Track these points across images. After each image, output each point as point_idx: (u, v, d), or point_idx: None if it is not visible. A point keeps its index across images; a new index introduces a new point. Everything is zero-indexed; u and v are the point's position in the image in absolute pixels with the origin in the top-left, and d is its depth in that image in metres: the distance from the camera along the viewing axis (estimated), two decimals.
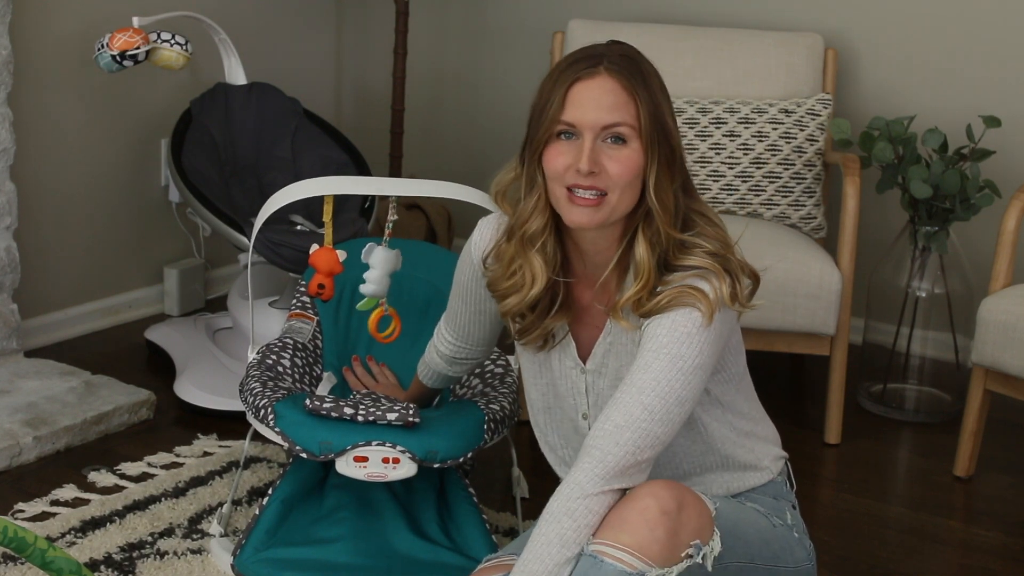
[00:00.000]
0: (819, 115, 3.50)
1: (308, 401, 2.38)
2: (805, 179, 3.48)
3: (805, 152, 3.47)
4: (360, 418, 2.36)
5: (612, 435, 1.88)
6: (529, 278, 2.02)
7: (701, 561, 1.88)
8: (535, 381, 2.16)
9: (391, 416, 2.35)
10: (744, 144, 3.48)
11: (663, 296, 1.93)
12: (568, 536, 1.85)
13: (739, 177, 3.47)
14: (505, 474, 2.97)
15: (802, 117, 3.49)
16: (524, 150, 2.00)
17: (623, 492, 1.90)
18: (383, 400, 2.45)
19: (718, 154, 3.48)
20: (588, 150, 1.91)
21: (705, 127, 3.50)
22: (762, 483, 2.14)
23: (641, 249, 1.95)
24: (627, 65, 1.94)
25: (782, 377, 3.75)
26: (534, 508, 2.66)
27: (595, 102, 1.91)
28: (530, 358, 2.15)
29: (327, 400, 2.39)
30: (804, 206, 3.49)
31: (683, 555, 1.86)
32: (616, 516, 1.85)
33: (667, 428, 1.90)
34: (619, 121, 1.91)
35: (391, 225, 2.56)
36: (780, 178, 3.47)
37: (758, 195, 3.47)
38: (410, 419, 2.35)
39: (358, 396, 2.49)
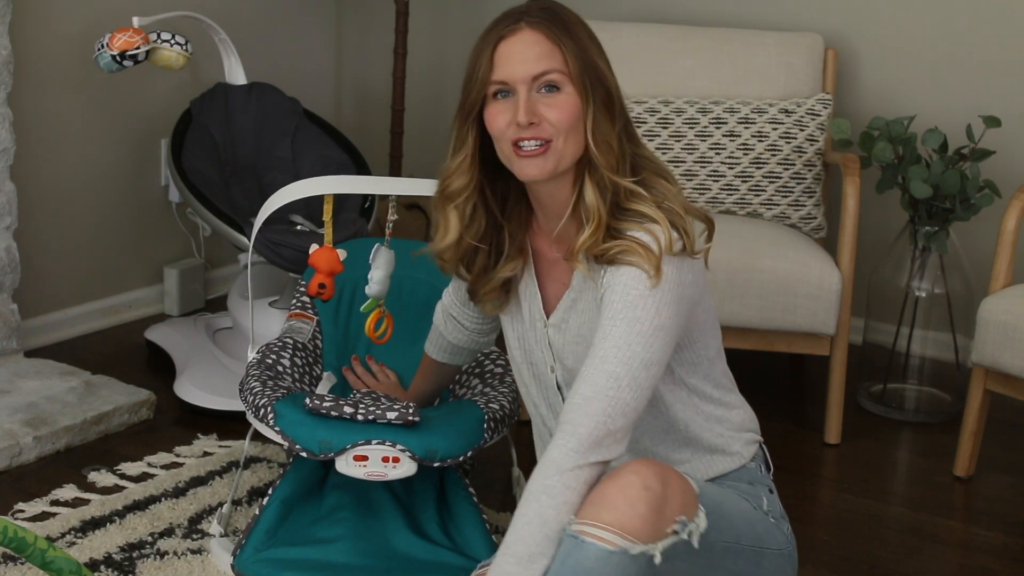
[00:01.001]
0: (819, 115, 3.50)
1: (308, 400, 2.38)
2: (805, 179, 3.48)
3: (805, 152, 3.47)
4: (360, 417, 2.36)
5: (581, 407, 1.88)
6: (442, 231, 2.08)
7: (687, 537, 1.86)
8: (511, 333, 2.18)
9: (391, 415, 2.35)
10: (744, 144, 3.48)
11: (613, 244, 1.94)
12: (547, 514, 1.84)
13: (739, 177, 3.47)
14: (505, 474, 2.97)
15: (802, 117, 3.49)
16: (456, 115, 2.05)
17: (603, 465, 1.89)
18: (383, 399, 2.45)
19: (718, 154, 3.48)
20: (524, 102, 1.95)
21: (705, 127, 3.50)
22: (733, 468, 2.13)
23: (589, 194, 1.97)
24: (547, 16, 1.98)
25: (782, 377, 3.75)
26: None
27: (521, 56, 1.96)
28: (507, 312, 2.17)
29: (327, 399, 2.39)
30: (804, 206, 3.49)
31: (668, 531, 1.84)
32: (597, 494, 1.84)
33: (636, 394, 1.89)
34: (548, 69, 1.96)
35: (391, 225, 2.56)
36: (780, 178, 3.47)
37: (758, 195, 3.47)
38: (410, 418, 2.35)
39: (358, 395, 2.50)
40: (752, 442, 2.16)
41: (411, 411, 2.36)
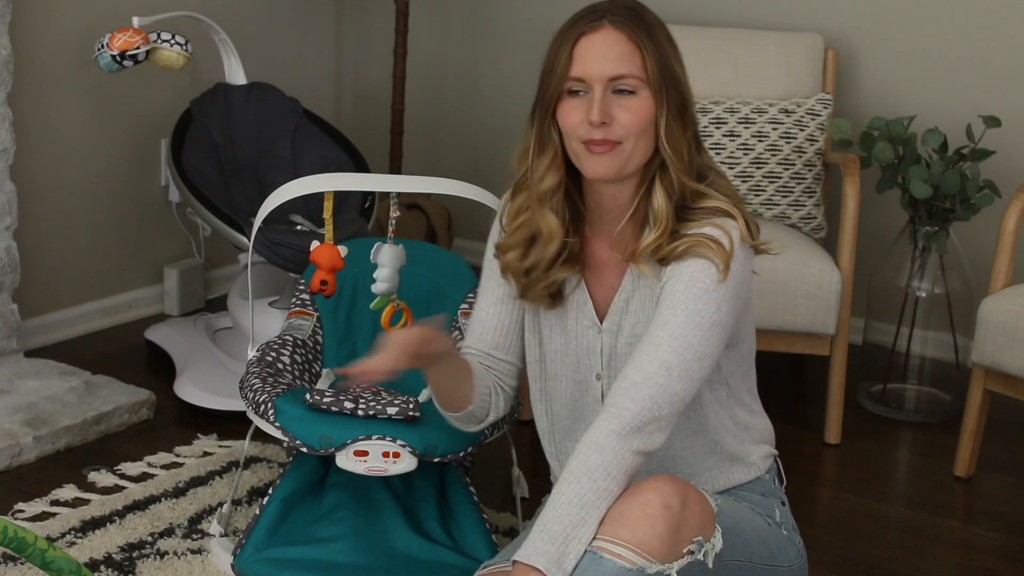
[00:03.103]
0: (819, 115, 3.50)
1: (308, 396, 2.39)
2: (805, 179, 3.48)
3: (805, 152, 3.47)
4: (360, 412, 2.37)
5: (628, 391, 1.89)
6: (546, 235, 2.04)
7: (702, 558, 1.87)
8: (549, 346, 2.13)
9: (391, 410, 2.36)
10: (744, 144, 3.48)
11: (681, 242, 1.95)
12: (587, 497, 1.83)
13: (739, 177, 3.47)
14: (505, 474, 2.97)
15: (802, 117, 3.49)
16: (535, 110, 2.02)
17: (643, 459, 1.89)
18: (383, 394, 2.45)
19: (718, 154, 3.48)
20: (599, 101, 1.94)
21: (705, 127, 3.49)
22: (749, 479, 2.13)
23: (659, 198, 1.98)
24: (630, 16, 1.97)
25: (782, 377, 3.74)
26: (534, 508, 2.66)
27: (601, 55, 1.95)
28: (546, 323, 2.13)
29: (327, 394, 2.40)
30: (804, 206, 3.49)
31: (684, 551, 1.85)
32: (617, 511, 1.84)
33: (685, 384, 1.90)
34: (626, 72, 1.95)
35: (394, 222, 2.56)
36: (780, 178, 3.47)
37: (758, 195, 3.47)
38: (410, 413, 2.36)
39: (358, 390, 2.50)
40: (769, 455, 2.18)
41: (411, 406, 2.37)
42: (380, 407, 2.37)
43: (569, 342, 2.11)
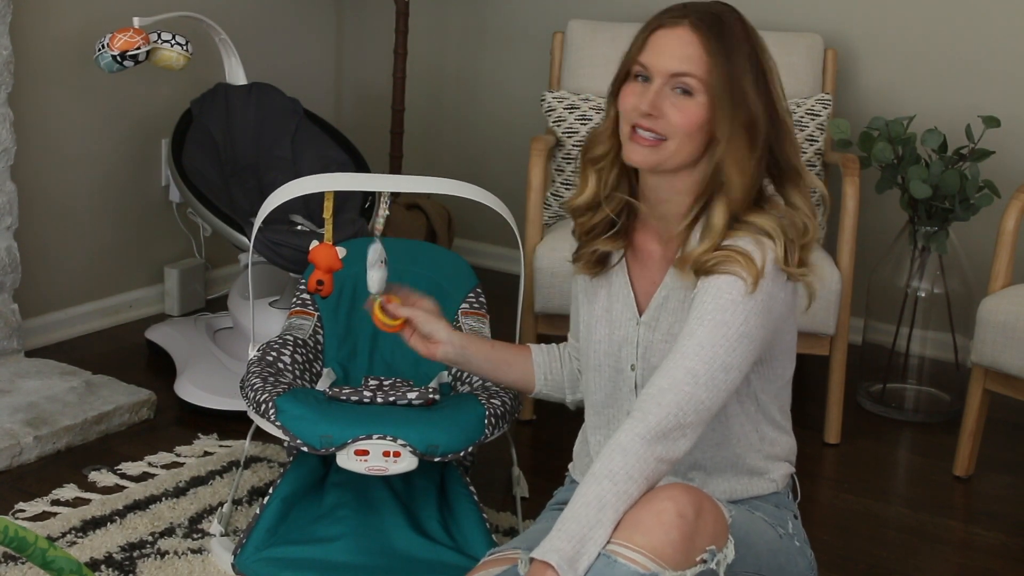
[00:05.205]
0: (819, 115, 3.50)
1: (329, 389, 2.41)
2: None
3: (805, 152, 3.47)
4: (380, 400, 2.39)
5: (654, 397, 1.91)
6: (579, 189, 2.13)
7: (715, 567, 1.88)
8: (596, 334, 2.17)
9: (411, 395, 2.38)
10: None
11: (714, 256, 1.97)
12: (606, 499, 1.85)
13: None
14: (505, 474, 2.97)
15: (802, 117, 3.49)
16: (611, 87, 2.11)
17: (667, 466, 1.90)
18: (398, 382, 2.48)
19: None
20: (653, 93, 1.99)
21: None
22: (765, 493, 2.15)
23: (718, 214, 2.00)
24: (712, 23, 2.00)
25: None
26: (534, 508, 2.66)
27: (669, 50, 1.99)
28: (595, 311, 2.17)
29: (346, 388, 2.45)
30: None
31: (697, 560, 1.85)
32: (633, 517, 1.85)
33: (712, 394, 1.92)
34: (687, 72, 1.98)
35: (381, 221, 2.55)
36: None
37: None
38: (430, 396, 2.39)
39: (375, 383, 2.53)
40: (788, 472, 2.20)
41: (431, 391, 2.39)
42: (400, 393, 2.42)
43: (612, 332, 2.15)
